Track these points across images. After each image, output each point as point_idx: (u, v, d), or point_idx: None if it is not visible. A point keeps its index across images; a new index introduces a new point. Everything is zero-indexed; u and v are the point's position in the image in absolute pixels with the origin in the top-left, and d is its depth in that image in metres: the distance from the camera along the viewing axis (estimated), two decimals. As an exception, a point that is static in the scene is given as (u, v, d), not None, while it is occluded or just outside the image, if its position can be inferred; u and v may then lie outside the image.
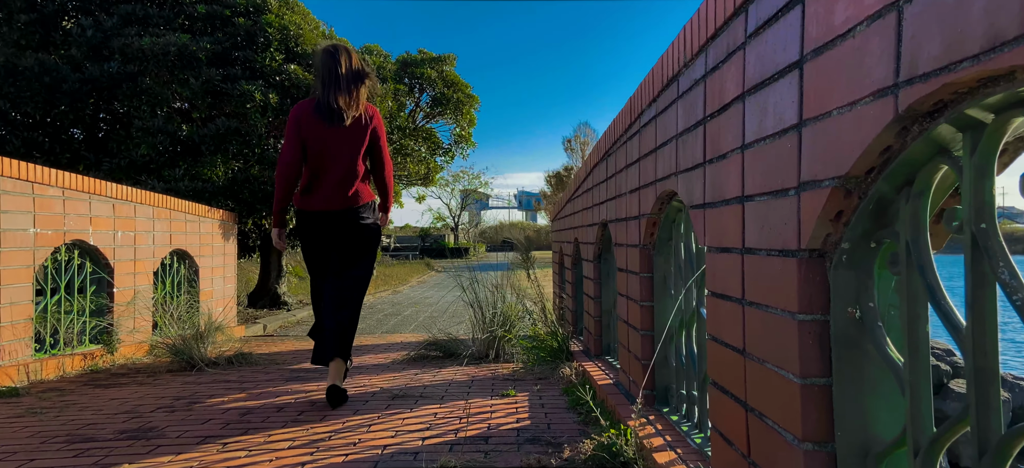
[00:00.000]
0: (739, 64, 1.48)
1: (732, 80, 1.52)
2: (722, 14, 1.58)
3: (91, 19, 7.34)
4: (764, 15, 1.34)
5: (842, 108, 1.02)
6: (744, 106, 1.45)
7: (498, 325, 5.03)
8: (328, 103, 3.24)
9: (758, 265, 1.34)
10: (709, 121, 1.70)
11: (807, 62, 1.14)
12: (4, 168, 4.01)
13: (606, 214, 3.60)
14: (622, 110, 2.98)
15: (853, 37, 1.00)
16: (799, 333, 1.14)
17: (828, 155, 1.06)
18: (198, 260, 6.67)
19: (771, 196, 1.28)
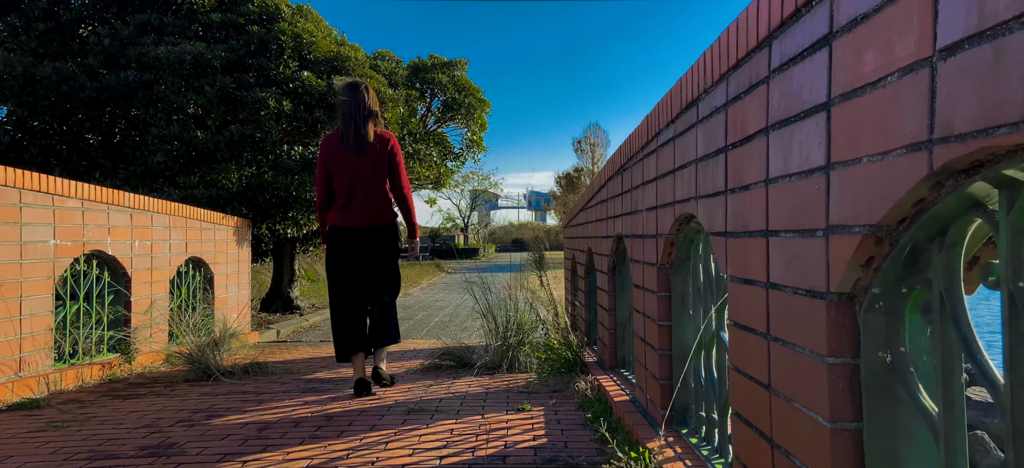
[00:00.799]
0: (763, 98, 1.47)
1: (755, 113, 1.52)
2: (744, 46, 1.57)
3: (107, 28, 7.42)
4: (789, 53, 1.33)
5: (873, 156, 1.02)
6: (768, 140, 1.44)
7: (511, 334, 5.04)
8: (349, 135, 3.78)
9: (784, 301, 1.34)
10: (730, 150, 1.70)
11: (835, 105, 1.14)
12: (26, 181, 4.06)
13: (621, 228, 3.59)
14: (638, 127, 2.98)
15: (883, 87, 0.99)
16: (829, 376, 1.13)
17: (858, 201, 1.05)
18: (213, 267, 6.73)
19: (797, 234, 1.28)
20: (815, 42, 1.22)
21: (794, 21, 1.32)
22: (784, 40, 1.37)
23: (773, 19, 1.40)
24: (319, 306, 12.05)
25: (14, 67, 6.90)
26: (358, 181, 3.80)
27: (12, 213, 3.97)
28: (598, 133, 52.53)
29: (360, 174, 3.79)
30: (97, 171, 7.42)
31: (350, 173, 3.79)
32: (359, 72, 8.53)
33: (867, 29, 1.04)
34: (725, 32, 1.74)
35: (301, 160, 7.72)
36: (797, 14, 1.30)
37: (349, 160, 3.78)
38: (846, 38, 1.11)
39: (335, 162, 3.79)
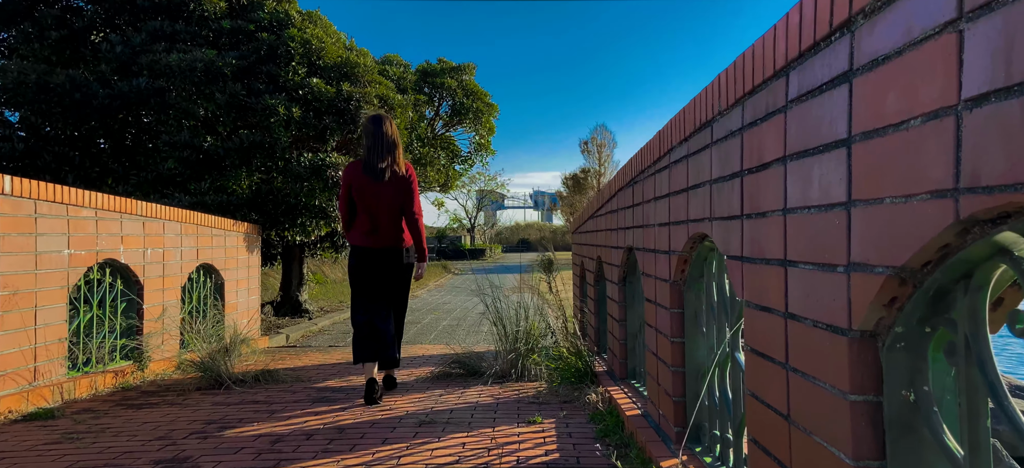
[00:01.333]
0: (780, 127, 1.47)
1: (772, 141, 1.52)
2: (760, 74, 1.57)
3: (119, 35, 7.47)
4: (807, 85, 1.33)
5: (896, 198, 1.01)
6: (785, 170, 1.44)
7: (521, 343, 5.04)
8: (373, 164, 4.13)
9: (803, 333, 1.34)
10: (746, 175, 1.70)
11: (856, 142, 1.14)
12: (41, 192, 4.10)
13: (632, 240, 3.59)
14: (650, 142, 2.98)
15: (907, 130, 0.99)
16: (851, 413, 1.13)
17: (881, 242, 1.05)
18: (223, 273, 6.76)
19: (817, 268, 1.27)
20: (835, 77, 1.22)
21: (812, 54, 1.32)
22: (802, 72, 1.36)
23: (791, 51, 1.40)
24: (328, 310, 12.09)
25: (28, 75, 6.96)
26: (379, 206, 4.16)
27: (28, 224, 4.01)
28: (605, 134, 52.32)
29: (381, 200, 4.15)
30: (109, 177, 7.48)
31: (372, 198, 4.15)
32: (367, 78, 8.55)
33: (889, 71, 1.04)
34: (740, 58, 1.74)
35: (310, 166, 7.75)
36: (815, 48, 1.30)
37: (372, 186, 4.13)
38: (867, 77, 1.11)
39: (358, 187, 4.16)
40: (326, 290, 15.39)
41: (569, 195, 51.04)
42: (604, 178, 48.58)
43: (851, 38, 1.16)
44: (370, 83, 8.57)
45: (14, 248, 3.89)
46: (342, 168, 7.94)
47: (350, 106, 8.03)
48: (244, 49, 7.86)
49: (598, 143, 51.05)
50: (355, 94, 8.11)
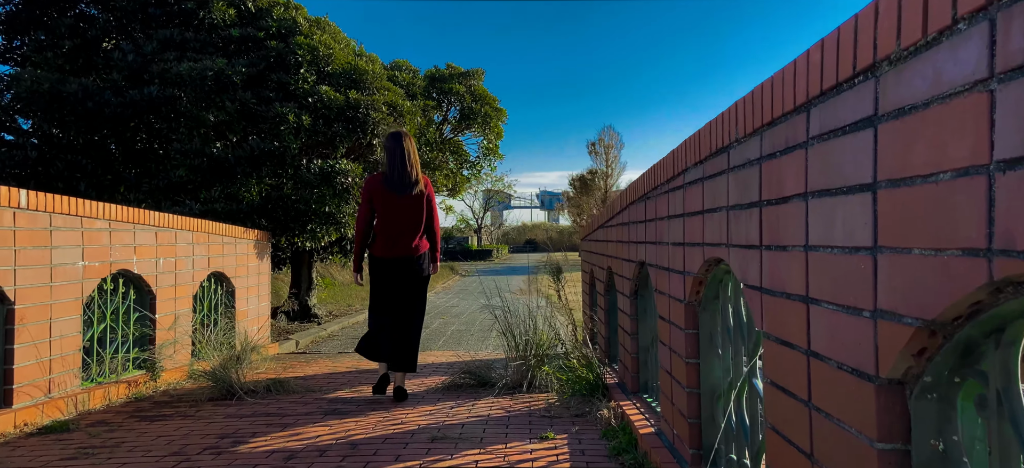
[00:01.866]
0: (800, 162, 1.47)
1: (792, 175, 1.51)
2: (780, 107, 1.57)
3: (131, 43, 7.52)
4: (830, 125, 1.32)
5: (925, 250, 1.01)
6: (807, 206, 1.43)
7: (531, 354, 5.04)
8: (394, 177, 4.35)
9: (827, 374, 1.33)
10: (766, 207, 1.69)
11: (881, 188, 1.13)
12: (56, 205, 4.14)
13: (644, 255, 3.58)
14: (663, 160, 2.97)
15: (936, 183, 0.98)
16: (879, 461, 1.12)
17: (910, 292, 1.05)
18: (234, 281, 6.80)
19: (842, 309, 1.27)
20: (859, 121, 1.21)
21: (834, 94, 1.31)
22: (824, 110, 1.36)
23: (812, 88, 1.40)
24: (337, 314, 12.13)
25: (41, 83, 7.02)
26: (399, 217, 4.40)
27: (43, 237, 4.04)
28: (612, 135, 52.22)
29: (402, 212, 4.40)
30: (122, 185, 7.53)
31: (393, 209, 4.38)
32: (376, 85, 8.58)
33: (916, 121, 1.03)
34: (759, 89, 1.73)
35: (320, 173, 7.77)
36: (838, 89, 1.29)
37: (392, 198, 4.37)
38: (893, 125, 1.10)
39: (380, 200, 4.39)
40: (334, 293, 15.43)
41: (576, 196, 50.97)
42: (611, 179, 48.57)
43: (876, 83, 1.16)
44: (379, 90, 8.60)
45: (30, 261, 3.93)
46: (352, 175, 7.97)
47: (359, 113, 8.06)
48: (253, 56, 7.90)
49: (605, 144, 50.98)
50: (364, 101, 8.13)
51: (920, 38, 1.02)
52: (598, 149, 51.55)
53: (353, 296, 15.33)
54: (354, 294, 15.76)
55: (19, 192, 3.84)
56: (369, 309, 4.59)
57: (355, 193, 8.10)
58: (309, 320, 10.73)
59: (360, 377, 5.63)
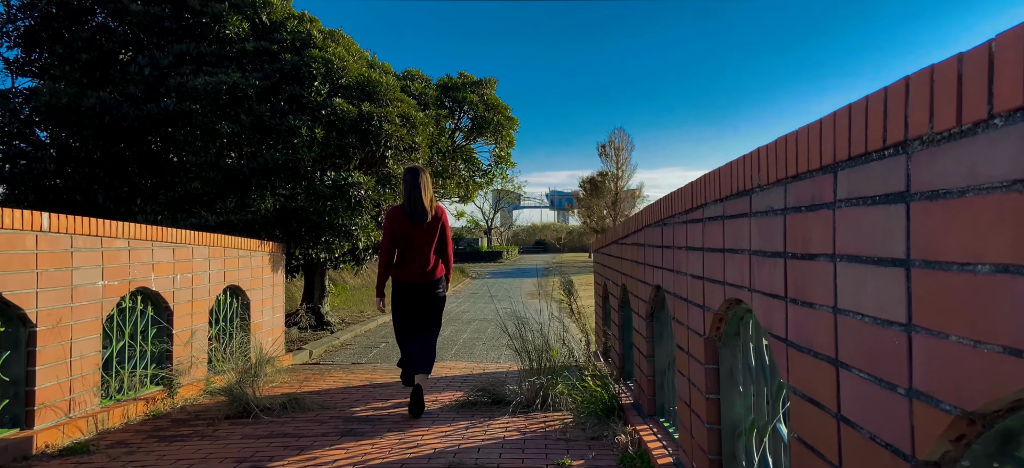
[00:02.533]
0: (827, 223, 1.46)
1: (819, 234, 1.50)
2: (805, 163, 1.56)
3: (148, 57, 7.60)
4: (859, 192, 1.32)
5: (964, 339, 1.00)
6: (835, 269, 1.43)
7: (544, 368, 5.05)
8: (412, 209, 4.76)
9: (859, 443, 1.32)
10: (790, 259, 1.68)
11: (916, 267, 1.12)
12: (77, 227, 4.19)
13: (661, 280, 3.57)
14: (681, 189, 2.96)
15: (973, 274, 0.98)
16: (908, 542, 1.12)
17: (947, 379, 1.04)
18: (249, 293, 6.85)
19: (874, 380, 1.26)
20: (890, 194, 1.21)
21: (864, 162, 1.30)
22: (852, 176, 1.35)
23: (839, 152, 1.39)
24: (349, 321, 12.18)
25: (60, 97, 7.10)
26: (416, 244, 4.81)
27: (64, 259, 4.09)
28: (623, 137, 51.87)
29: (418, 239, 4.80)
30: (138, 197, 7.61)
31: (410, 238, 4.79)
32: (389, 96, 8.61)
33: (952, 207, 1.03)
34: (782, 141, 1.73)
35: (333, 185, 7.81)
36: (867, 157, 1.29)
37: (410, 228, 4.77)
38: (927, 205, 1.09)
39: (399, 229, 4.78)
40: (346, 299, 15.49)
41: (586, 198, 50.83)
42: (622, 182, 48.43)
43: (908, 160, 1.15)
44: (392, 101, 8.63)
45: (52, 283, 3.98)
46: (365, 187, 8.01)
47: (372, 126, 8.09)
48: (267, 69, 7.95)
49: (616, 146, 50.76)
50: (377, 113, 8.17)
51: (954, 125, 1.01)
52: (608, 151, 51.38)
53: (364, 302, 15.38)
54: (366, 300, 15.81)
55: (41, 215, 3.89)
56: (396, 336, 5.01)
57: (367, 205, 8.15)
58: (322, 328, 10.79)
59: (374, 392, 5.66)
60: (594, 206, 48.03)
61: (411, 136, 8.77)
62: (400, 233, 4.79)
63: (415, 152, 9.03)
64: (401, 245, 4.82)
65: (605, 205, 46.82)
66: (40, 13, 7.98)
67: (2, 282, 3.59)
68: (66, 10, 8.02)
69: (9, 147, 7.50)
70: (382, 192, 8.58)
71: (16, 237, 3.70)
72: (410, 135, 8.77)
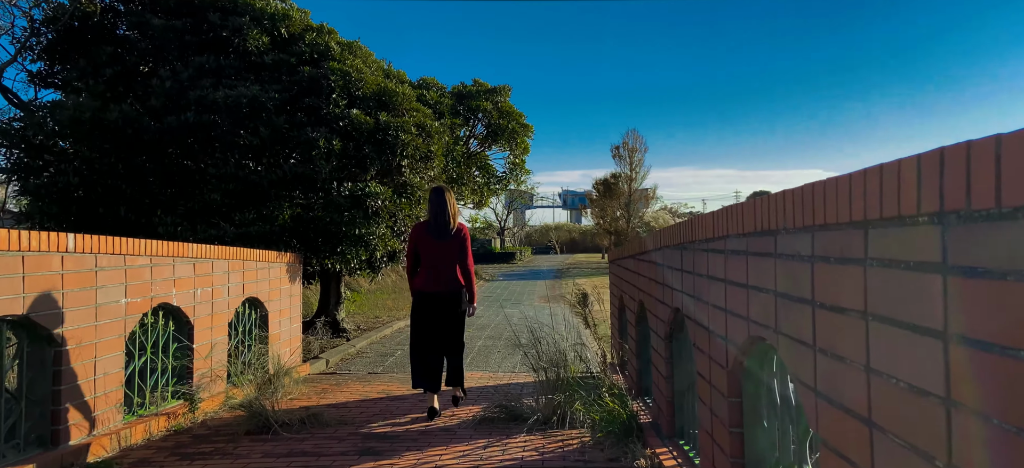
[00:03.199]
0: (858, 280, 1.45)
1: (849, 289, 1.49)
2: (833, 215, 1.55)
3: (169, 70, 7.69)
4: (892, 254, 1.30)
5: (1007, 426, 0.99)
6: (867, 327, 1.41)
7: (561, 388, 5.05)
8: (436, 225, 5.11)
9: (887, 507, 1.31)
10: (819, 309, 1.67)
11: (953, 343, 1.11)
12: (101, 246, 4.25)
13: (680, 303, 3.56)
14: (704, 217, 2.95)
15: (1015, 359, 0.96)
16: None
17: (987, 461, 1.03)
18: (268, 305, 6.91)
19: (911, 449, 1.25)
20: (925, 263, 1.19)
21: (897, 226, 1.29)
22: (885, 236, 1.34)
23: (870, 211, 1.38)
24: (364, 327, 12.24)
25: (83, 111, 7.21)
26: (439, 259, 5.13)
27: (89, 278, 4.15)
28: (636, 139, 51.57)
29: (441, 254, 5.12)
30: (159, 209, 7.70)
31: (434, 253, 5.12)
32: (405, 106, 8.66)
33: (992, 289, 1.01)
34: (809, 188, 1.71)
35: (350, 196, 7.86)
36: (900, 221, 1.27)
37: (433, 243, 5.11)
38: (965, 282, 1.08)
39: (423, 244, 5.14)
40: (361, 303, 15.55)
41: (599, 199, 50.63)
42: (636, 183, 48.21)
43: (943, 231, 1.14)
44: (408, 111, 8.67)
45: (77, 303, 4.04)
46: (381, 198, 8.06)
47: (388, 136, 8.13)
48: (286, 81, 8.02)
49: (629, 148, 50.47)
50: (393, 123, 8.21)
51: (993, 206, 1.00)
52: (622, 153, 51.11)
53: (379, 307, 15.46)
54: (380, 305, 15.89)
55: (67, 237, 3.95)
56: (410, 347, 5.26)
57: (384, 215, 8.19)
58: (338, 335, 10.86)
59: (391, 406, 5.69)
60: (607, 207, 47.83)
61: (427, 145, 8.81)
62: (424, 248, 5.14)
63: (431, 161, 9.06)
64: (425, 259, 5.15)
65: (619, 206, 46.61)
66: (64, 27, 8.11)
67: (30, 304, 3.65)
68: (89, 24, 8.15)
69: (34, 160, 7.62)
70: (398, 201, 8.62)
71: (43, 259, 3.76)
72: (426, 144, 8.80)
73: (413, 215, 8.80)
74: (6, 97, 9.46)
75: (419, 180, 8.87)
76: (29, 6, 8.41)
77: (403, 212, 8.65)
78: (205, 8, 8.14)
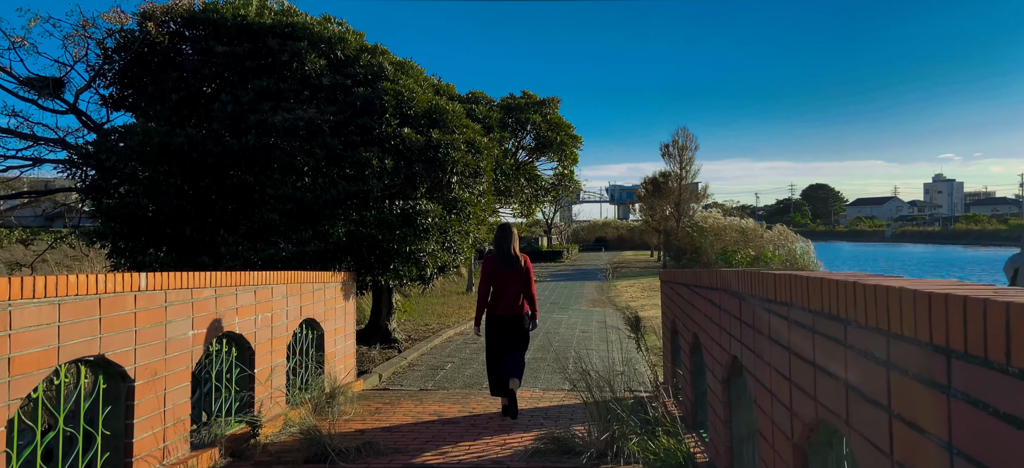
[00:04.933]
0: (943, 408, 1.38)
1: (932, 415, 1.42)
2: (911, 328, 1.47)
3: (230, 95, 7.97)
4: (978, 393, 1.24)
5: None
6: (952, 460, 1.35)
7: (614, 420, 5.00)
8: (505, 256, 6.09)
9: None
10: (897, 421, 1.60)
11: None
12: (170, 282, 4.44)
13: (738, 352, 3.47)
14: (764, 276, 2.86)
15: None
16: None
17: None
18: (323, 325, 7.09)
19: None
20: (1016, 418, 1.12)
21: (984, 366, 1.22)
22: (970, 374, 1.27)
23: (953, 340, 1.31)
24: (415, 337, 12.42)
25: (152, 136, 7.56)
26: (507, 286, 6.09)
27: (159, 314, 4.35)
28: (687, 136, 50.56)
29: (509, 282, 6.09)
30: (221, 228, 7.99)
31: (503, 281, 6.09)
32: (455, 123, 8.74)
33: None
34: (883, 290, 1.64)
35: (401, 214, 7.98)
36: (987, 364, 1.21)
37: (502, 272, 6.08)
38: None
39: (494, 274, 6.11)
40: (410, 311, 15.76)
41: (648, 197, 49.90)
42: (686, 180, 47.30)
43: (1041, 394, 1.07)
44: (458, 128, 8.75)
45: (148, 338, 4.23)
46: (432, 215, 8.17)
47: (439, 154, 8.22)
48: (341, 102, 8.20)
49: (679, 146, 49.56)
50: (444, 141, 8.30)
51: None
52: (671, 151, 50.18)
53: (429, 314, 15.65)
54: (430, 311, 16.09)
55: (140, 277, 4.15)
56: (487, 363, 6.27)
57: (434, 233, 8.30)
58: (389, 345, 11.06)
59: (443, 432, 5.75)
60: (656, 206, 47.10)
61: (476, 161, 8.86)
62: (495, 278, 6.10)
63: (480, 176, 9.12)
64: (495, 286, 6.10)
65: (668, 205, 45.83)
66: (134, 53, 8.50)
67: (106, 343, 3.85)
68: (157, 50, 8.51)
69: (108, 182, 8.02)
70: (448, 218, 8.70)
71: (118, 300, 3.95)
72: (475, 160, 8.86)
73: (463, 231, 8.88)
74: (80, 119, 9.99)
75: (468, 195, 8.94)
76: (103, 36, 8.84)
77: (453, 229, 8.73)
78: (264, 33, 8.40)
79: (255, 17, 8.61)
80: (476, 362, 9.79)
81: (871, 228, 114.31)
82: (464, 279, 20.90)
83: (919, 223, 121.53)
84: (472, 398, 7.26)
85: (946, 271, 42.74)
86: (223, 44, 8.11)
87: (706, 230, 38.19)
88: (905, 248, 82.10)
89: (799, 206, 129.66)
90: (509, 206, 11.54)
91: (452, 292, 20.47)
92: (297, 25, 8.50)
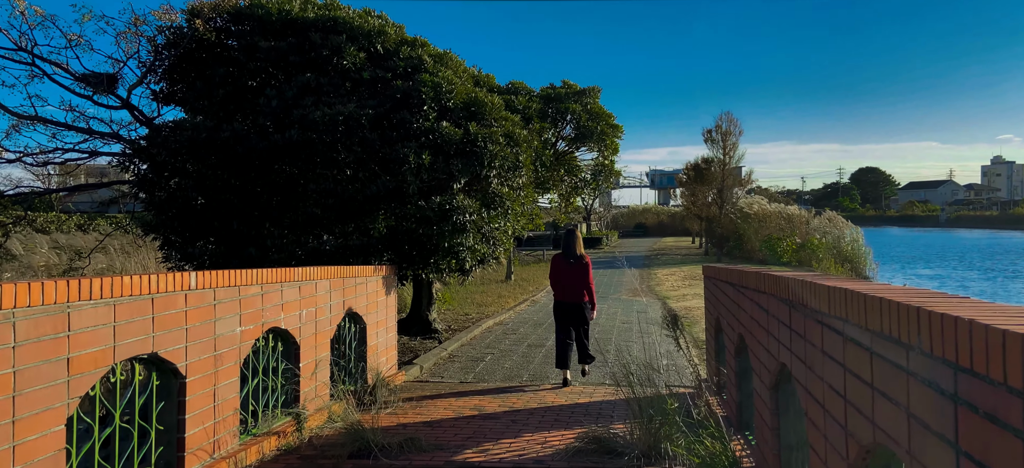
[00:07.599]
0: (1016, 452, 1.29)
1: (1006, 459, 1.33)
2: (983, 364, 1.38)
3: (275, 89, 8.11)
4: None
5: None
6: (1027, 512, 1.26)
7: (656, 419, 4.93)
8: (569, 254, 7.54)
9: None
10: (964, 458, 1.51)
11: None
12: (219, 280, 4.55)
13: (787, 360, 3.37)
14: (816, 286, 2.75)
15: None
16: None
17: None
18: (366, 318, 7.19)
19: None
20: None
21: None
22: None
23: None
24: (455, 327, 12.51)
25: (200, 131, 7.76)
26: (570, 279, 7.47)
27: (208, 312, 4.46)
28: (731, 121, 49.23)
29: (571, 275, 7.48)
30: (267, 221, 8.16)
31: (566, 274, 7.50)
32: (494, 116, 8.70)
33: None
34: (950, 320, 1.54)
35: (439, 209, 8.01)
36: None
37: (567, 267, 7.51)
38: None
39: (560, 269, 7.55)
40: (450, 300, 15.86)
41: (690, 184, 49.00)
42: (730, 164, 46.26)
43: None
44: (496, 121, 8.71)
45: (198, 336, 4.35)
46: (469, 211, 8.19)
47: (477, 147, 8.21)
48: (380, 96, 8.26)
49: (723, 131, 48.38)
50: (482, 134, 8.27)
51: None
52: (714, 136, 49.02)
53: (469, 303, 15.73)
54: (470, 301, 16.16)
55: (190, 276, 4.26)
56: (556, 338, 7.69)
57: (472, 229, 8.32)
58: (430, 336, 11.16)
59: (484, 428, 5.78)
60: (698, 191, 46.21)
61: (515, 155, 8.82)
62: (561, 272, 7.52)
63: (519, 170, 9.07)
64: (561, 277, 7.50)
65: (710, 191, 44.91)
66: (183, 50, 8.71)
67: (159, 341, 3.97)
68: (205, 45, 8.71)
69: (159, 176, 8.28)
70: (486, 213, 8.69)
71: (169, 299, 4.07)
72: (514, 154, 8.81)
73: (503, 228, 8.85)
74: (132, 114, 10.30)
75: (507, 190, 8.90)
76: (153, 32, 9.08)
77: (492, 224, 8.72)
78: (306, 28, 8.49)
79: (299, 11, 8.72)
80: (515, 354, 9.81)
81: (924, 212, 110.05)
82: (503, 268, 20.93)
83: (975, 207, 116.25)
84: (512, 394, 7.27)
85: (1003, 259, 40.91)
86: (268, 39, 8.24)
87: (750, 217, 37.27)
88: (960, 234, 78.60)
89: (847, 190, 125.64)
90: (547, 198, 11.45)
91: (491, 280, 20.52)
92: (339, 19, 8.56)
